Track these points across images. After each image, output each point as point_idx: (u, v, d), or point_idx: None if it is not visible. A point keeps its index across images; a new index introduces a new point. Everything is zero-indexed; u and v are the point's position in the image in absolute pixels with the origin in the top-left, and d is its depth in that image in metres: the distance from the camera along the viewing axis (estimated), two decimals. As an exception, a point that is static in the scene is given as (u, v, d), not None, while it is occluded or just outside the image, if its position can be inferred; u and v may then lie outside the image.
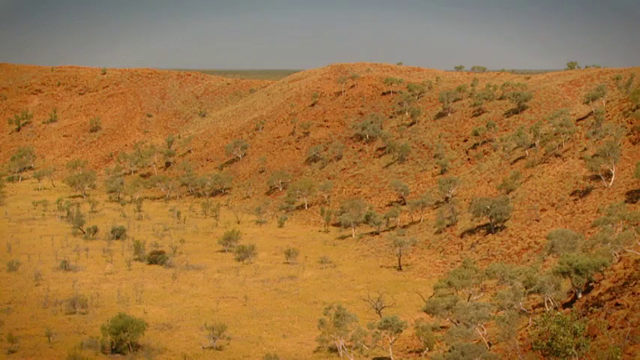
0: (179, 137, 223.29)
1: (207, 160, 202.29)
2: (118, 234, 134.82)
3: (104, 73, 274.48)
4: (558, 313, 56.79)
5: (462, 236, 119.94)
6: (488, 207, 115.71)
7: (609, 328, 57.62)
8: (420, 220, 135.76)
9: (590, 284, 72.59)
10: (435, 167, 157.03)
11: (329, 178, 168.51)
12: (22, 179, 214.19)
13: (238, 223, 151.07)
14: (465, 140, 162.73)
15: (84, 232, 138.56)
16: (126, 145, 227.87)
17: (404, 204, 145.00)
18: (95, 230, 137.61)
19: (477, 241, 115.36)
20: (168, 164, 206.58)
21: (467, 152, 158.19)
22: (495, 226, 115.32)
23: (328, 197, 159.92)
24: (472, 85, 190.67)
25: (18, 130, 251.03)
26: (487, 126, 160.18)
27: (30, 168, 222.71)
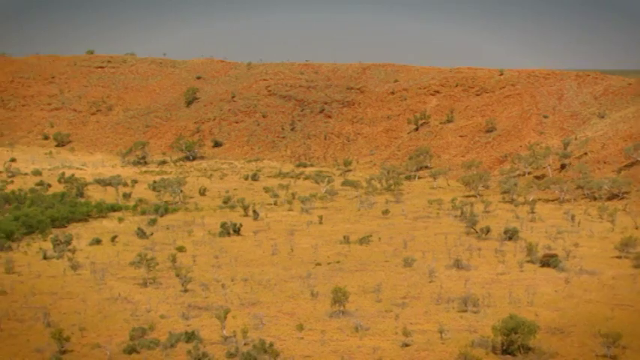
0: (575, 139, 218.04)
1: (605, 162, 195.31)
2: (511, 235, 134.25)
3: (501, 74, 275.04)
4: None
5: None
6: None
7: None
8: None
9: None
10: None
11: None
12: (419, 178, 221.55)
13: (636, 228, 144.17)
14: None
15: (477, 232, 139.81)
16: (520, 146, 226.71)
17: None
18: (488, 230, 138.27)
19: None
20: (563, 166, 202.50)
21: None
22: None
23: None
24: None
25: (416, 129, 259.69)
26: None
27: (426, 167, 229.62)
